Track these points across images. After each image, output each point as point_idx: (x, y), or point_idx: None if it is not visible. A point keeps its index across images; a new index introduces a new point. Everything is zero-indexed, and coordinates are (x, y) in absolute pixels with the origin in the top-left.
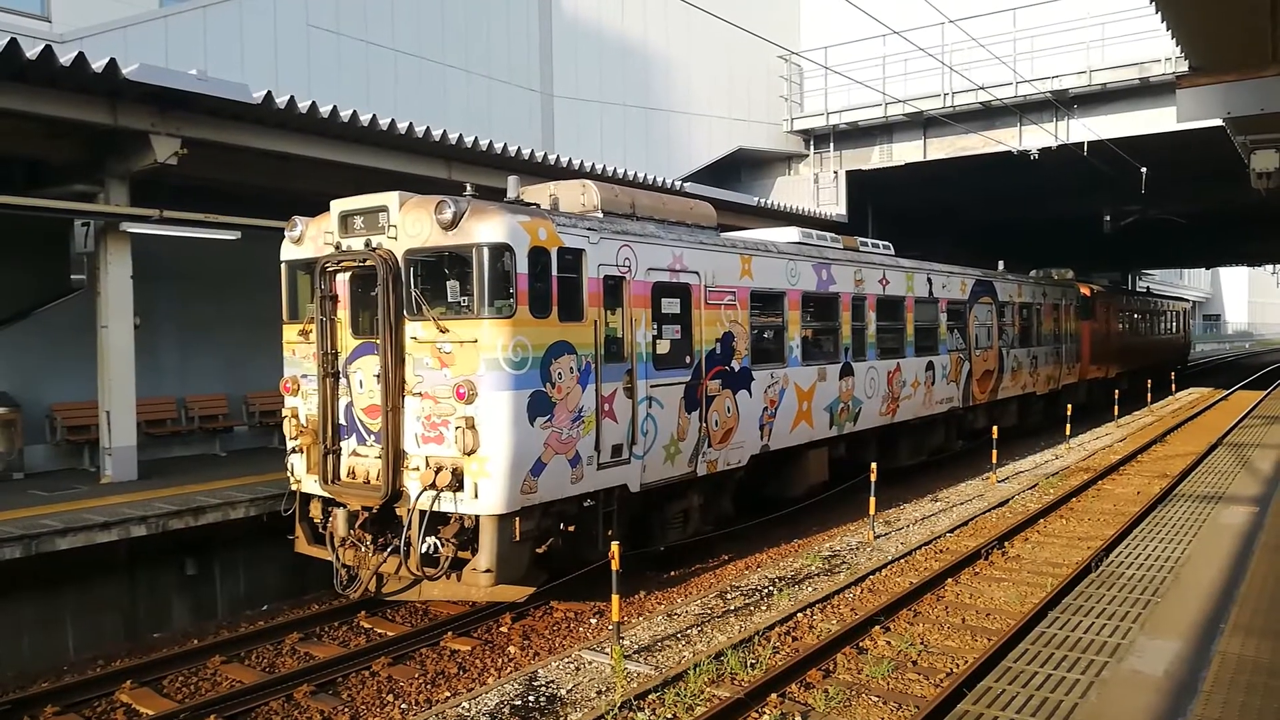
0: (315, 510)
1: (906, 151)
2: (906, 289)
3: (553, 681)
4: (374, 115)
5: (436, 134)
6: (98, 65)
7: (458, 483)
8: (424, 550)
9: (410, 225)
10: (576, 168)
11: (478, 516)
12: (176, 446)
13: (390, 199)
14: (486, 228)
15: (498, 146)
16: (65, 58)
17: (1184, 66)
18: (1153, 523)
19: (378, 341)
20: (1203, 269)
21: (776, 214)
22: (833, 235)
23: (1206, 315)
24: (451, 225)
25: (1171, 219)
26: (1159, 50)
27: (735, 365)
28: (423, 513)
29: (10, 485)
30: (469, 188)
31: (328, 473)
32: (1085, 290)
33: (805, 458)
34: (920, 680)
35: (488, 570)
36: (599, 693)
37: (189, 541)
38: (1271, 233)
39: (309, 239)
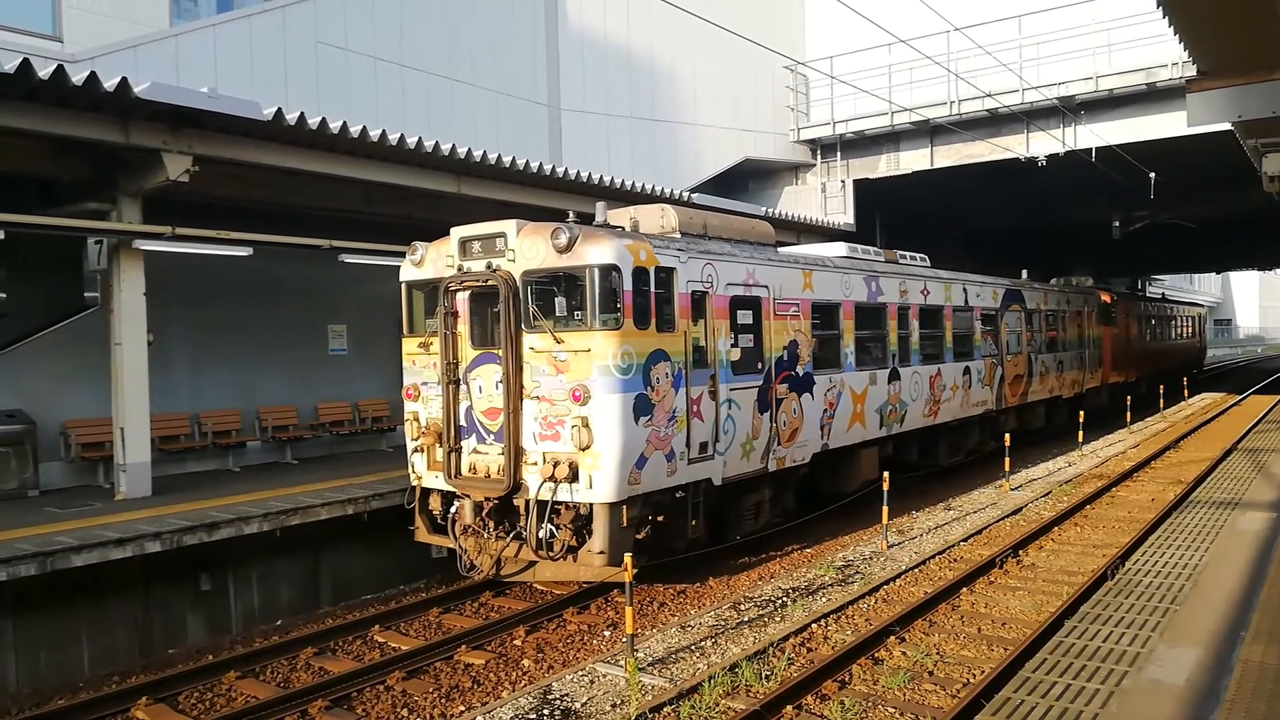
0: (435, 503)
1: (913, 160)
2: (945, 298)
3: (567, 694)
4: (383, 130)
5: (445, 148)
6: (109, 84)
7: (573, 475)
8: (540, 536)
9: (527, 249)
10: (585, 180)
11: (591, 505)
12: (190, 462)
13: (509, 226)
14: (597, 251)
15: (506, 160)
16: (77, 77)
17: (1191, 71)
18: (1169, 529)
19: (497, 352)
20: (1213, 274)
21: (784, 224)
22: (875, 249)
23: (1217, 320)
24: (566, 249)
25: (1181, 224)
26: (1166, 55)
27: (799, 370)
28: (541, 502)
29: (25, 502)
30: (571, 214)
31: (451, 469)
32: (1106, 297)
33: (859, 456)
34: (937, 691)
35: (601, 552)
36: (614, 706)
37: (203, 557)
38: None
39: (429, 261)
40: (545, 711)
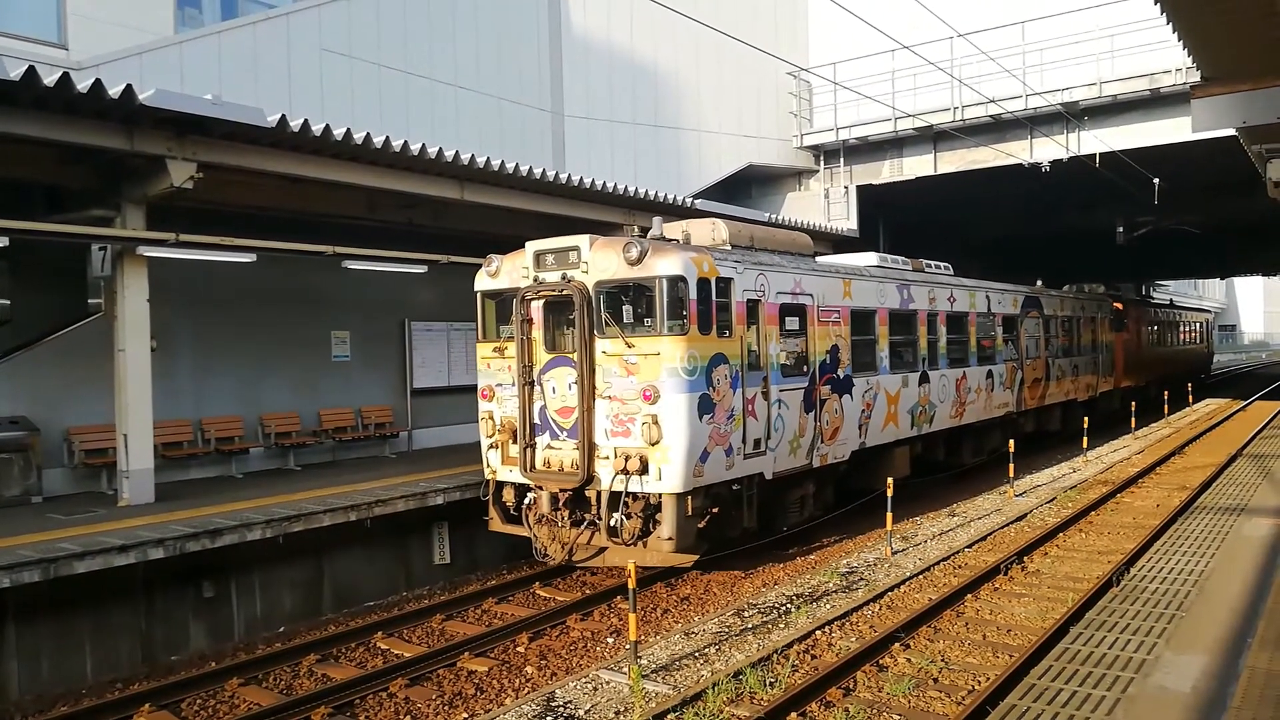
0: (508, 495)
1: (917, 165)
2: (969, 305)
3: (570, 702)
4: (387, 137)
5: (449, 154)
6: (114, 91)
7: (643, 468)
8: (612, 524)
9: (599, 261)
10: (588, 186)
11: (660, 495)
12: (193, 468)
13: (582, 240)
14: (666, 263)
15: (509, 166)
16: (82, 84)
17: (1195, 77)
18: (1174, 536)
19: (571, 355)
20: (1217, 279)
21: (788, 229)
22: (903, 259)
23: (1222, 325)
24: (637, 261)
25: (1185, 229)
26: (1169, 61)
27: (840, 373)
28: (614, 493)
29: (28, 509)
30: (636, 229)
31: (527, 463)
32: (1117, 304)
33: (892, 454)
34: (942, 698)
35: (670, 538)
36: (617, 713)
37: (206, 564)
38: None
39: (504, 273)
40: (549, 719)
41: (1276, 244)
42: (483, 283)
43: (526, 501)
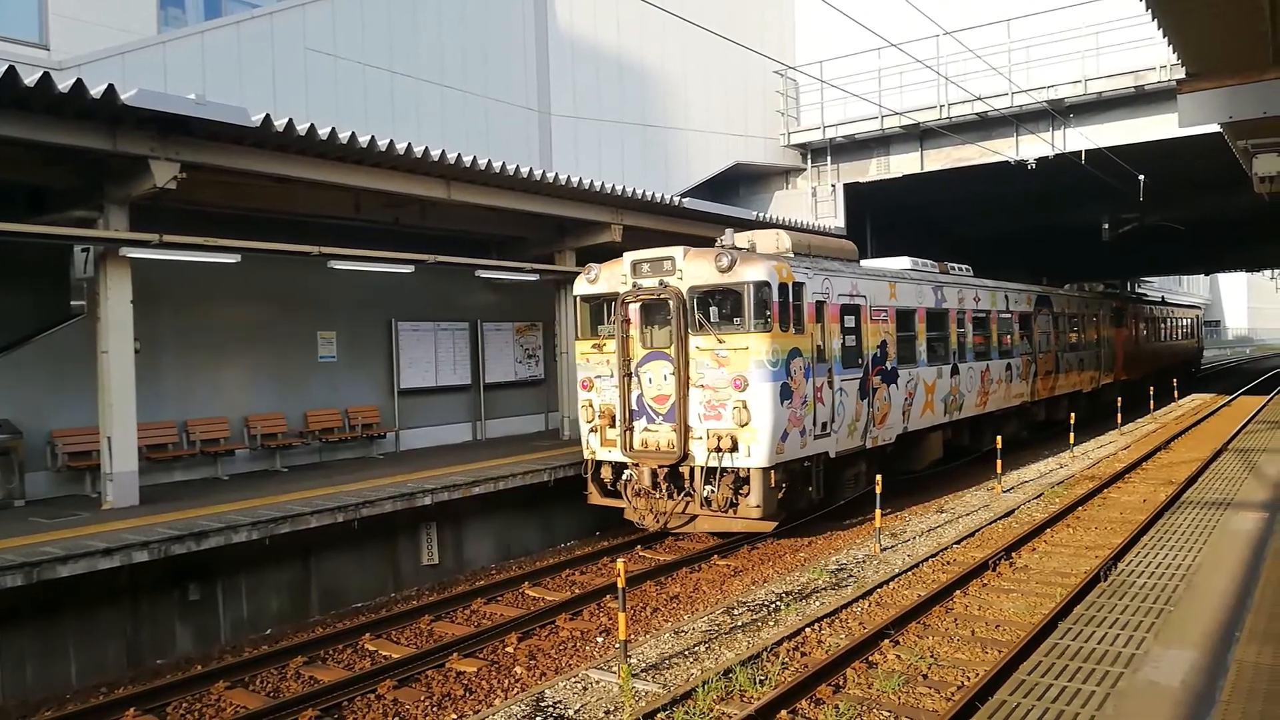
0: (605, 473)
1: (904, 163)
2: (991, 304)
3: (560, 702)
4: (372, 136)
5: (435, 154)
6: (96, 91)
7: (734, 446)
8: (705, 495)
9: (692, 269)
10: (575, 185)
11: (749, 469)
12: (178, 471)
13: (676, 251)
14: (753, 270)
15: (496, 165)
16: (64, 84)
17: (1180, 74)
18: (1161, 530)
19: (667, 350)
20: (1202, 275)
21: (775, 227)
22: (931, 262)
23: (1207, 321)
24: (727, 269)
25: (1170, 225)
26: (1154, 58)
27: (888, 365)
28: (710, 468)
29: (11, 512)
30: (721, 240)
31: (626, 444)
32: (1116, 302)
33: (928, 438)
34: (931, 694)
35: (757, 506)
36: (607, 712)
37: (191, 566)
38: (1270, 238)
39: (602, 279)
40: (538, 719)
41: (1260, 240)
42: (581, 288)
43: (625, 477)
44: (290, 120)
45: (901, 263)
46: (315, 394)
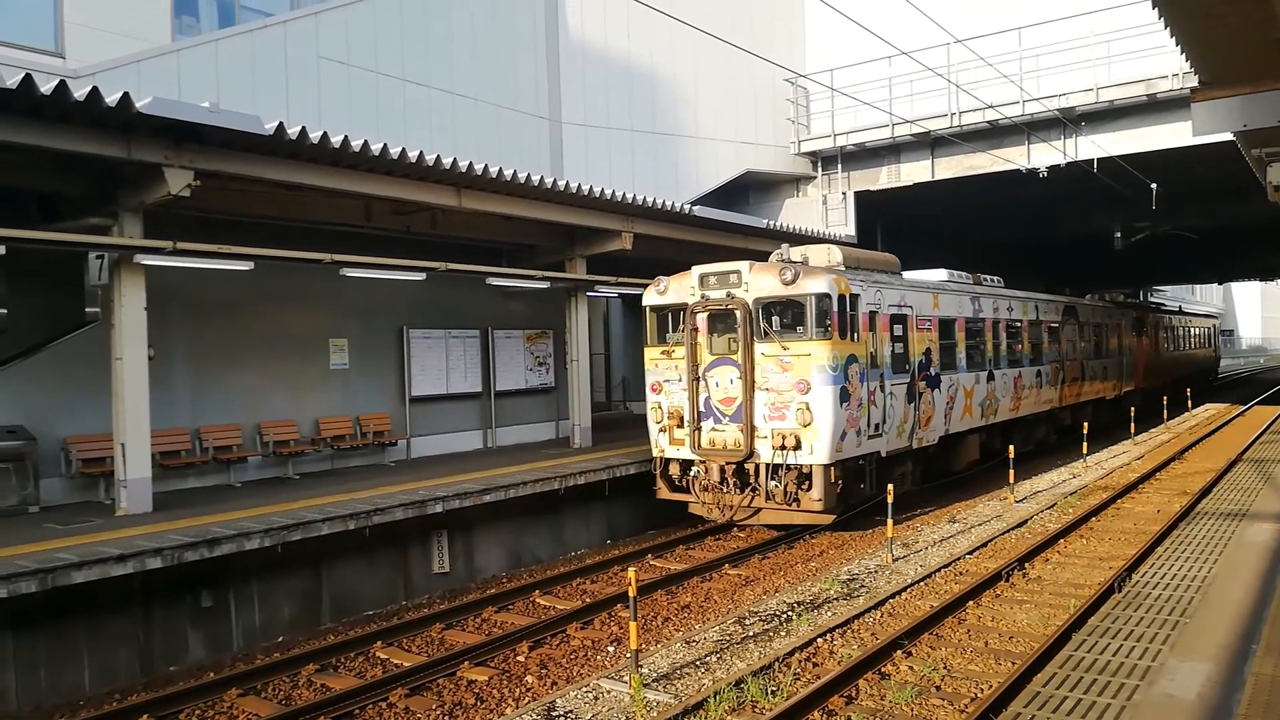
0: (674, 470)
1: (914, 171)
2: (1023, 314)
3: (571, 711)
4: (384, 144)
5: (446, 162)
6: (111, 99)
7: (797, 444)
8: (770, 489)
9: (757, 282)
10: (586, 193)
11: (811, 466)
12: (191, 478)
13: (742, 265)
14: (815, 283)
15: (507, 173)
16: (79, 92)
17: (1192, 82)
18: (1176, 541)
19: (734, 357)
20: (1215, 284)
21: (786, 236)
22: (964, 273)
23: (1220, 331)
24: (791, 282)
25: (1183, 234)
26: (1166, 66)
27: (932, 371)
28: (775, 465)
29: (25, 519)
30: (780, 255)
31: (695, 443)
32: (1137, 312)
33: (967, 441)
34: (945, 706)
35: (819, 499)
36: None
37: (204, 573)
38: None
39: (671, 291)
40: None
41: (1274, 249)
42: (651, 299)
43: (693, 474)
44: (303, 128)
45: (940, 274)
46: (327, 401)
